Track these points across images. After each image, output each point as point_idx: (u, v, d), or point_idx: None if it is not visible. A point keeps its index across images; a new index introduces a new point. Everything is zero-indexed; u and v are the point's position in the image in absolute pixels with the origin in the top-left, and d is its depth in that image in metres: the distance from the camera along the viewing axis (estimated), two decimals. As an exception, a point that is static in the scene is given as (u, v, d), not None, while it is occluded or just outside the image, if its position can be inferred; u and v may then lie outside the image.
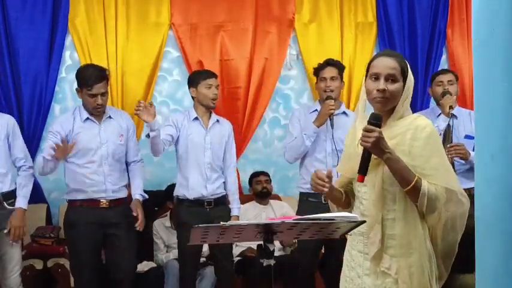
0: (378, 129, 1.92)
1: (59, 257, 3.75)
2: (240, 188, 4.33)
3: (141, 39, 4.41)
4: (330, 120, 3.47)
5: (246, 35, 4.56)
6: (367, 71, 2.06)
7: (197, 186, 3.51)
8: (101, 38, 4.34)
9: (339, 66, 3.64)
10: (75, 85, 3.38)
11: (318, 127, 3.47)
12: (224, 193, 3.63)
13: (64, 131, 3.33)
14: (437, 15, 4.84)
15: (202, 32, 4.53)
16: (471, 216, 1.73)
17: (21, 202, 3.28)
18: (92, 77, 3.26)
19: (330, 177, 2.07)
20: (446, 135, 3.44)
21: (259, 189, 4.36)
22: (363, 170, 1.96)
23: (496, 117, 1.40)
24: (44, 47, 4.21)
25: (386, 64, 2.00)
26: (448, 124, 3.43)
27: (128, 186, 3.53)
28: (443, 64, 4.89)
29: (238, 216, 3.65)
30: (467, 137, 3.57)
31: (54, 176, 4.34)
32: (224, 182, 3.65)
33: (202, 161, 3.53)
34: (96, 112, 3.38)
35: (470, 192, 3.14)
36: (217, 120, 3.65)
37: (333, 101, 3.46)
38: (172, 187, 3.79)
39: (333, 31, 4.72)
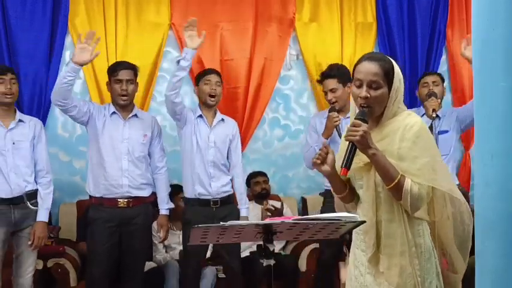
0: (365, 124, 1.93)
1: (59, 257, 3.74)
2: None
3: (141, 39, 4.40)
4: (337, 131, 3.51)
5: (246, 34, 4.55)
6: (353, 75, 2.05)
7: (201, 184, 3.52)
8: (101, 38, 4.34)
9: (338, 75, 3.63)
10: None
11: (327, 139, 3.54)
12: (231, 192, 3.63)
13: (94, 109, 3.44)
14: (437, 15, 4.84)
15: (202, 32, 4.52)
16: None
17: (44, 215, 3.35)
18: (118, 65, 3.45)
19: (327, 149, 2.09)
20: None
21: (258, 191, 4.35)
22: (347, 163, 1.95)
23: (496, 117, 1.40)
24: (44, 47, 4.19)
25: (369, 70, 1.98)
26: (431, 125, 3.44)
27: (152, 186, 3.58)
28: (443, 64, 4.89)
29: (247, 217, 3.64)
30: (440, 132, 3.67)
31: (54, 176, 4.34)
32: (231, 181, 3.65)
33: (206, 159, 3.53)
34: (122, 101, 3.43)
35: None
36: (222, 119, 3.66)
37: (336, 112, 3.52)
38: (172, 187, 3.79)
39: (333, 31, 4.73)
